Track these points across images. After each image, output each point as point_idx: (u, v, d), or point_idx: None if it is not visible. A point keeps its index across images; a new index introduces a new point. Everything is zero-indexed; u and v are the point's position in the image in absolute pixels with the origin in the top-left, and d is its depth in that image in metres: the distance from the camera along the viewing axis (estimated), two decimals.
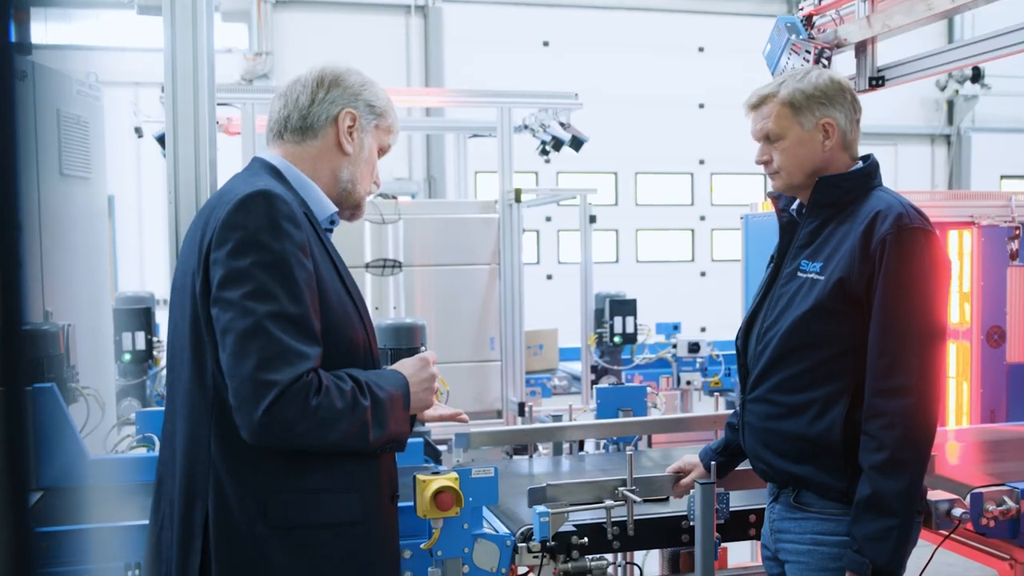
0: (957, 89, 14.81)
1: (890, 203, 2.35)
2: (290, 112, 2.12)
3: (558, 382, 7.52)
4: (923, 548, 3.01)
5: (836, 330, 2.35)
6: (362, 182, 2.17)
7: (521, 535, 2.61)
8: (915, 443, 2.28)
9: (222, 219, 1.90)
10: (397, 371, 2.08)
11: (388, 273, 5.80)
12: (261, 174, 2.04)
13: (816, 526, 2.40)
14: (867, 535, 2.27)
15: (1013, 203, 4.59)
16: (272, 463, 1.91)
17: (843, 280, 2.32)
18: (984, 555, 3.07)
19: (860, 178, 2.45)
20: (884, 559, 2.27)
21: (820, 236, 2.43)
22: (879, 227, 2.30)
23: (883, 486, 2.26)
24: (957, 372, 4.74)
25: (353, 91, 2.13)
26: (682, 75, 13.80)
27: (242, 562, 1.90)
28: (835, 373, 2.35)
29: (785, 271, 2.50)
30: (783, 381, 2.42)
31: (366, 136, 2.15)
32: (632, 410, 3.70)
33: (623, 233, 14.16)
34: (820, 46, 3.64)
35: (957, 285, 4.74)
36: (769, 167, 2.50)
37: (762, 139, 2.50)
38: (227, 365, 1.85)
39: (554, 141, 6.58)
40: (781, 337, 2.42)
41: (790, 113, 2.43)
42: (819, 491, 2.39)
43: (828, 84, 2.46)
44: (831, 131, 2.44)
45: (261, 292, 1.85)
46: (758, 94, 2.49)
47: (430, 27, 13.14)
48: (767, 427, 2.47)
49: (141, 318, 5.87)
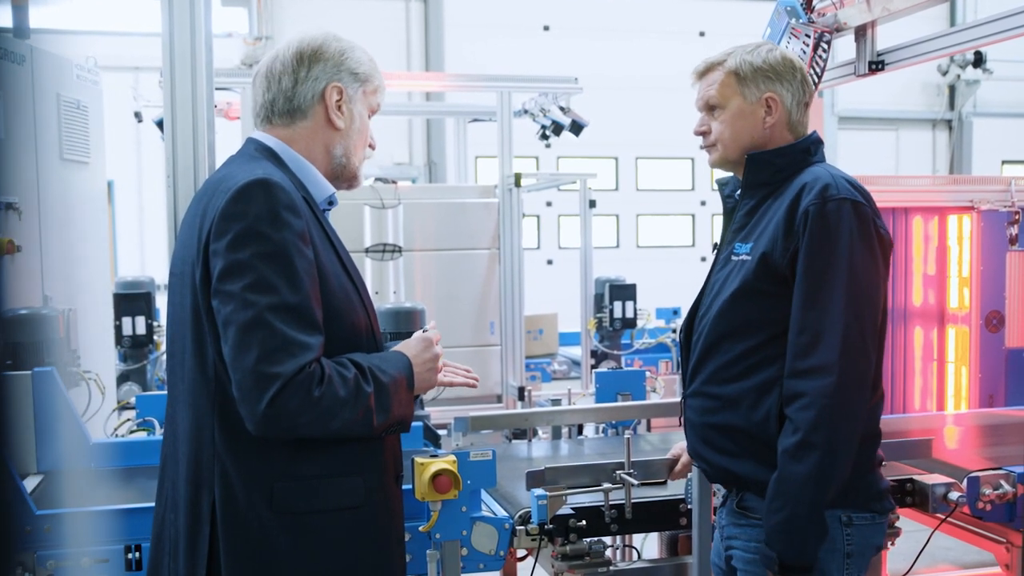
0: (959, 74, 14.75)
1: (818, 175, 2.23)
2: (275, 96, 2.08)
3: (558, 366, 7.54)
4: (920, 532, 3.02)
5: (764, 314, 2.22)
6: (356, 153, 2.14)
7: (519, 518, 2.62)
8: (830, 425, 2.09)
9: (220, 208, 1.89)
10: (401, 352, 2.08)
11: (388, 258, 5.80)
12: (259, 158, 2.02)
13: (760, 534, 2.22)
14: (773, 525, 2.14)
15: (1013, 188, 4.58)
16: (276, 450, 1.91)
17: (766, 255, 2.20)
18: (981, 538, 3.08)
19: (794, 154, 2.32)
20: (791, 552, 2.12)
21: (754, 217, 2.31)
22: (804, 199, 2.18)
23: (790, 471, 2.11)
24: (956, 357, 4.75)
25: (335, 62, 2.08)
26: (683, 60, 13.64)
27: (249, 547, 1.91)
28: (766, 360, 2.22)
29: (721, 256, 2.39)
30: (716, 371, 2.30)
31: (355, 106, 2.12)
32: (631, 394, 3.71)
33: (623, 218, 14.15)
34: (820, 30, 3.63)
35: (956, 270, 4.74)
36: (706, 139, 2.39)
37: (704, 108, 2.39)
38: (229, 357, 1.85)
39: (554, 126, 6.56)
40: (711, 324, 2.31)
41: (734, 82, 2.33)
42: (760, 491, 2.22)
43: (779, 60, 2.34)
44: (774, 107, 2.32)
45: (262, 283, 1.84)
46: (706, 61, 2.39)
47: (430, 11, 13.10)
48: (705, 422, 2.34)
49: (141, 303, 5.88)
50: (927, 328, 4.80)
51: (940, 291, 4.76)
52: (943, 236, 4.73)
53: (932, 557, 4.83)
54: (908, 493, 2.91)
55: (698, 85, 2.42)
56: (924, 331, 4.80)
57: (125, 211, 11.63)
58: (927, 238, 4.74)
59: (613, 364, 6.79)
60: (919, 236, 4.72)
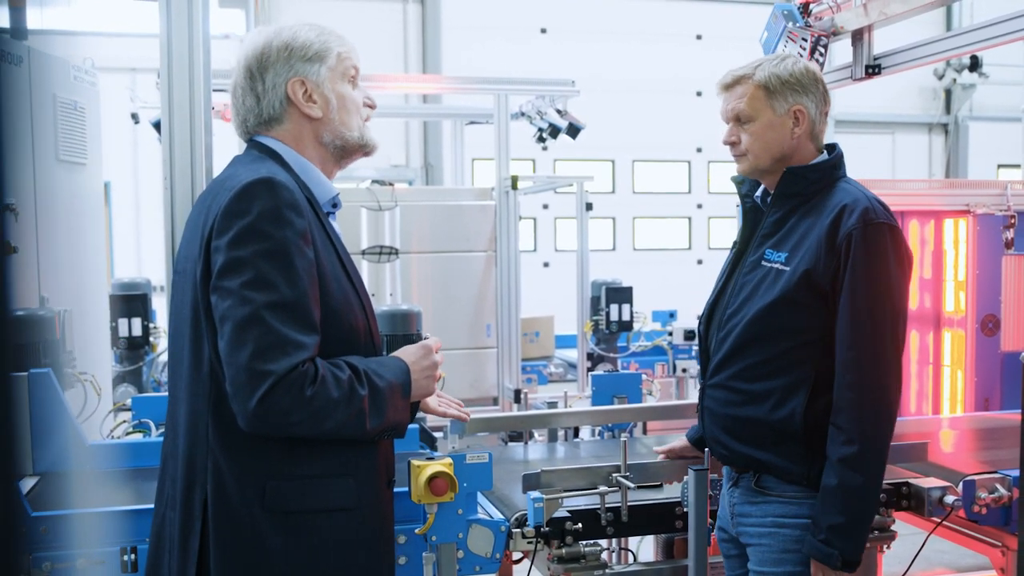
0: (955, 78, 14.79)
1: (856, 197, 2.37)
2: (245, 115, 2.08)
3: (554, 369, 7.53)
4: (916, 535, 3.03)
5: (800, 322, 2.36)
6: (349, 128, 2.10)
7: (515, 520, 2.62)
8: (882, 439, 2.32)
9: (223, 206, 1.89)
10: (399, 358, 2.07)
11: (385, 260, 5.80)
12: (263, 159, 2.02)
13: (777, 509, 2.42)
14: (835, 526, 2.30)
15: (1009, 192, 4.59)
16: (270, 449, 1.91)
17: (809, 272, 2.33)
18: (976, 542, 3.09)
19: (826, 170, 2.46)
20: (852, 551, 2.31)
21: (785, 226, 2.44)
22: (845, 221, 2.32)
23: (851, 480, 2.29)
24: (952, 360, 4.76)
25: (283, 61, 2.04)
26: (680, 63, 13.77)
27: (240, 544, 1.91)
28: (796, 363, 2.37)
29: (749, 259, 2.50)
30: (744, 369, 2.43)
31: (325, 87, 2.07)
32: (627, 397, 3.71)
33: (620, 221, 14.17)
34: (817, 34, 3.63)
35: (952, 273, 4.75)
36: (736, 148, 2.50)
37: (732, 119, 2.50)
38: (224, 353, 1.86)
39: (551, 128, 6.57)
40: (744, 326, 2.43)
41: (764, 96, 2.44)
42: (780, 475, 2.41)
43: (803, 72, 2.46)
44: (801, 119, 2.44)
45: (260, 281, 1.85)
46: (733, 74, 2.49)
47: (428, 13, 13.11)
48: (727, 413, 2.48)
49: (137, 304, 5.87)
50: (923, 332, 4.81)
51: (936, 295, 4.78)
52: (939, 240, 4.74)
53: (928, 561, 4.84)
54: (904, 497, 2.92)
55: (724, 96, 2.51)
56: (920, 334, 4.81)
57: (122, 212, 11.63)
58: (923, 242, 4.76)
59: (609, 367, 6.78)
60: (915, 240, 4.73)
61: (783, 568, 2.41)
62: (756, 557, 2.47)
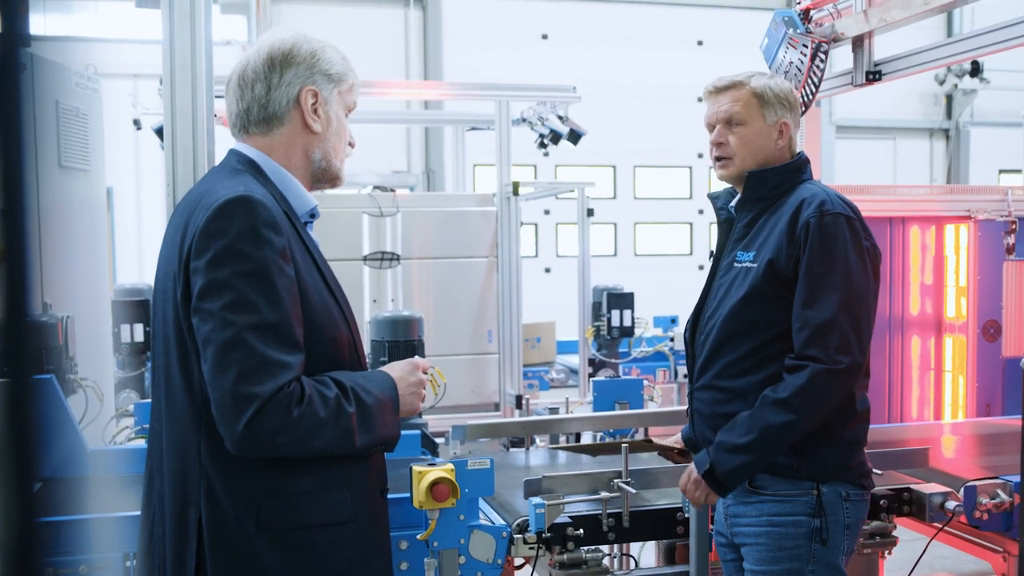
0: (956, 83, 14.79)
1: (814, 192, 2.49)
2: (249, 104, 2.05)
3: (555, 375, 7.54)
4: (917, 541, 3.03)
5: (772, 315, 2.45)
6: (336, 155, 2.11)
7: (517, 526, 2.62)
8: (809, 400, 2.36)
9: (201, 226, 1.86)
10: (386, 373, 2.06)
11: (386, 266, 5.81)
12: (241, 172, 1.99)
13: (771, 508, 2.47)
14: (725, 443, 2.42)
15: (1010, 197, 4.60)
16: (262, 468, 1.90)
17: (772, 262, 2.43)
18: (978, 547, 3.09)
19: (788, 172, 2.57)
20: (723, 470, 2.41)
21: (753, 228, 2.56)
22: (803, 212, 2.43)
23: (765, 416, 2.38)
24: (953, 366, 4.76)
25: (307, 65, 2.04)
26: (681, 68, 13.78)
27: (236, 564, 1.90)
28: (772, 357, 2.45)
29: (723, 263, 2.62)
30: (727, 367, 2.52)
31: (331, 107, 2.08)
32: (629, 403, 3.72)
33: (621, 226, 14.16)
34: (817, 40, 3.64)
35: (954, 279, 4.75)
36: (723, 149, 2.60)
37: (722, 121, 2.59)
38: (209, 377, 1.84)
39: (552, 134, 6.58)
40: (720, 325, 2.52)
41: (758, 103, 2.57)
42: (770, 470, 2.46)
43: (789, 92, 2.63)
44: (784, 132, 2.59)
45: (241, 303, 1.82)
46: (729, 79, 2.62)
47: (429, 20, 13.12)
48: (715, 412, 2.54)
49: (139, 310, 5.87)
50: (924, 337, 4.81)
51: (937, 300, 4.78)
52: (940, 245, 4.74)
53: (929, 566, 4.83)
54: (905, 502, 2.92)
55: (717, 98, 2.61)
56: (921, 340, 4.81)
57: (124, 218, 11.63)
58: (924, 247, 4.76)
59: (611, 372, 6.79)
60: (916, 245, 4.73)
61: (779, 566, 2.44)
62: (752, 556, 2.49)
